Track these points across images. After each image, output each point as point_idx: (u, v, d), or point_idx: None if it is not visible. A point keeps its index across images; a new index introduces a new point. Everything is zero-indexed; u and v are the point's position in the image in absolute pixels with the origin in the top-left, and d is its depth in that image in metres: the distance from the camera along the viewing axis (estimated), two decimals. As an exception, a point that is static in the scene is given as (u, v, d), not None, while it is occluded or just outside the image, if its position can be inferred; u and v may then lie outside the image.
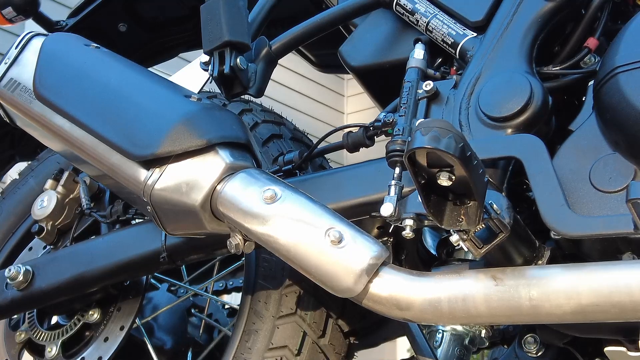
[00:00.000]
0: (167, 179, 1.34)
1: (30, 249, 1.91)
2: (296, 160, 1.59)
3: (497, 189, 1.24)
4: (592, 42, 1.37)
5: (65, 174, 1.83)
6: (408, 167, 1.07)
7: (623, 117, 1.17)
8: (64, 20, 2.10)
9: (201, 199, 1.32)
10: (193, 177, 1.33)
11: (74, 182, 1.82)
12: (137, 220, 1.70)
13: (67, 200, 1.81)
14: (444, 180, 1.07)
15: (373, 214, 1.37)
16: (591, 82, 1.31)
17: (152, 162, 1.36)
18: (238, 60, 1.46)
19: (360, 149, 1.51)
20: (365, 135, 1.48)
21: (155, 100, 1.42)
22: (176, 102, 1.41)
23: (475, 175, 1.06)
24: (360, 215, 1.39)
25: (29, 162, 2.13)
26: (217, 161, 1.34)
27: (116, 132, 1.40)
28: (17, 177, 2.11)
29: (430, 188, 1.11)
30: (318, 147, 1.59)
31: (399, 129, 1.33)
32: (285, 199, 1.27)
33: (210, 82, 1.58)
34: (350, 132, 1.50)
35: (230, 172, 1.33)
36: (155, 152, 1.34)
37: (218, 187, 1.32)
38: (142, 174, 1.37)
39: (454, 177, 1.07)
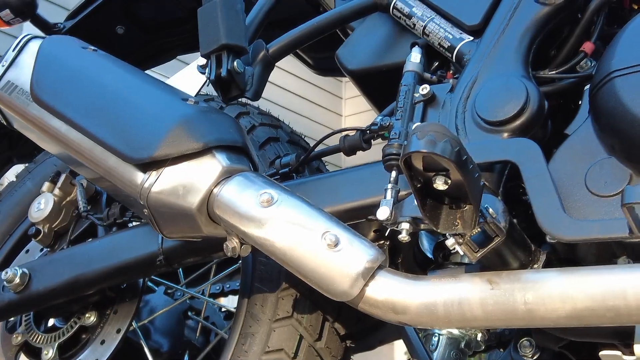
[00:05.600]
0: (163, 182, 1.34)
1: (27, 251, 1.91)
2: (293, 163, 1.59)
3: (493, 193, 1.24)
4: (588, 47, 1.37)
5: (62, 177, 1.83)
6: (404, 171, 1.07)
7: (619, 121, 1.18)
8: (61, 23, 2.10)
9: (198, 202, 1.32)
10: (190, 180, 1.33)
11: (71, 184, 1.82)
12: (134, 223, 1.70)
13: (64, 202, 1.80)
14: (439, 184, 1.07)
15: (369, 217, 1.37)
16: (587, 86, 1.31)
17: (149, 165, 1.36)
18: (235, 63, 1.46)
19: (358, 152, 1.51)
20: (362, 139, 1.48)
21: (152, 103, 1.42)
22: (173, 105, 1.41)
23: (471, 180, 1.06)
24: (356, 219, 1.39)
25: (27, 165, 2.13)
26: (214, 164, 1.34)
27: (113, 134, 1.40)
28: (15, 180, 2.11)
29: (426, 192, 1.11)
30: (315, 150, 1.60)
31: (395, 133, 1.33)
32: (282, 203, 1.27)
33: (208, 85, 1.59)
34: (347, 135, 1.50)
35: (226, 175, 1.33)
36: (152, 155, 1.34)
37: (215, 190, 1.32)
38: (139, 177, 1.36)
39: (449, 181, 1.07)
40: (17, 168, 2.23)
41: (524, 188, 1.24)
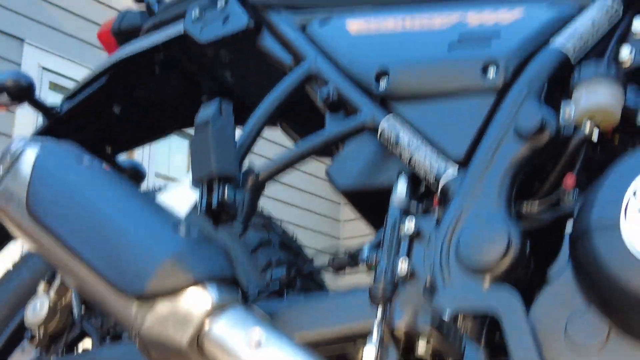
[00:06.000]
0: (154, 317, 1.38)
1: (23, 350, 1.94)
2: (284, 279, 1.63)
3: (474, 340, 1.27)
4: (569, 181, 1.39)
5: (58, 279, 1.85)
6: (387, 337, 1.11)
7: (596, 277, 1.21)
8: (58, 107, 2.12)
9: (188, 338, 1.36)
10: (180, 315, 1.37)
11: (66, 287, 1.85)
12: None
13: (59, 306, 1.83)
14: (421, 351, 1.12)
15: (359, 340, 1.41)
16: (569, 222, 1.34)
17: (140, 298, 1.39)
18: (225, 192, 1.49)
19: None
20: (351, 260, 1.53)
21: (144, 234, 1.46)
22: (164, 237, 1.45)
23: (451, 348, 1.10)
24: (346, 342, 1.43)
25: (23, 255, 2.15)
26: (205, 298, 1.37)
27: (105, 264, 1.44)
28: (11, 269, 2.14)
29: (409, 350, 1.15)
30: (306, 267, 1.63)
31: (381, 268, 1.36)
32: (270, 344, 1.31)
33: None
34: (336, 256, 1.54)
35: (217, 309, 1.37)
36: (143, 290, 1.38)
37: (205, 326, 1.36)
38: (131, 309, 1.40)
39: (431, 346, 1.11)
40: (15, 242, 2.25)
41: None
